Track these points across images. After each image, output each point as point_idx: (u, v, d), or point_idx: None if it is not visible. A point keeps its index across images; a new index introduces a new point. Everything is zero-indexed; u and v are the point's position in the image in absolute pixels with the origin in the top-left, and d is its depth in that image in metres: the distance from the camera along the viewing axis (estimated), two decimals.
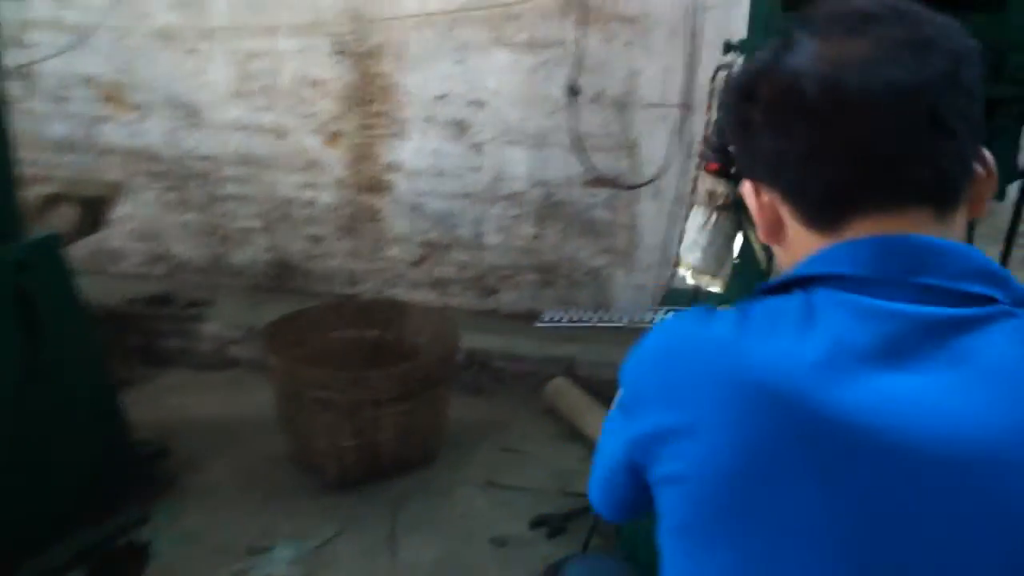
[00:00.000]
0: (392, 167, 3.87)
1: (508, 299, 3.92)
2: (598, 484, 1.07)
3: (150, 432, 2.90)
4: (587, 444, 3.01)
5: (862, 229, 0.85)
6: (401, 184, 3.89)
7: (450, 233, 3.89)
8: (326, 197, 4.00)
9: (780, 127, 0.87)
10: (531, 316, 3.82)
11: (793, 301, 0.85)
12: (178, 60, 3.93)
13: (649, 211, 3.64)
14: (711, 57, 3.25)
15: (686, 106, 3.41)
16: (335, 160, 3.93)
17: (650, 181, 3.54)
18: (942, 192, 0.84)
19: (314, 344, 3.07)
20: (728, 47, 1.49)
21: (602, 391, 3.27)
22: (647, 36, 3.42)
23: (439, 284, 3.99)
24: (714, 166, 1.51)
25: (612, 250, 3.74)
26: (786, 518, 0.77)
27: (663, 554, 0.91)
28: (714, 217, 1.54)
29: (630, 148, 3.58)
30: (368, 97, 3.81)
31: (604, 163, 3.59)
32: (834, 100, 0.82)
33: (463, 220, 3.85)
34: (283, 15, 3.76)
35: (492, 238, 3.85)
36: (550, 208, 3.73)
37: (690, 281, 1.61)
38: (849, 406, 0.75)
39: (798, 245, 0.92)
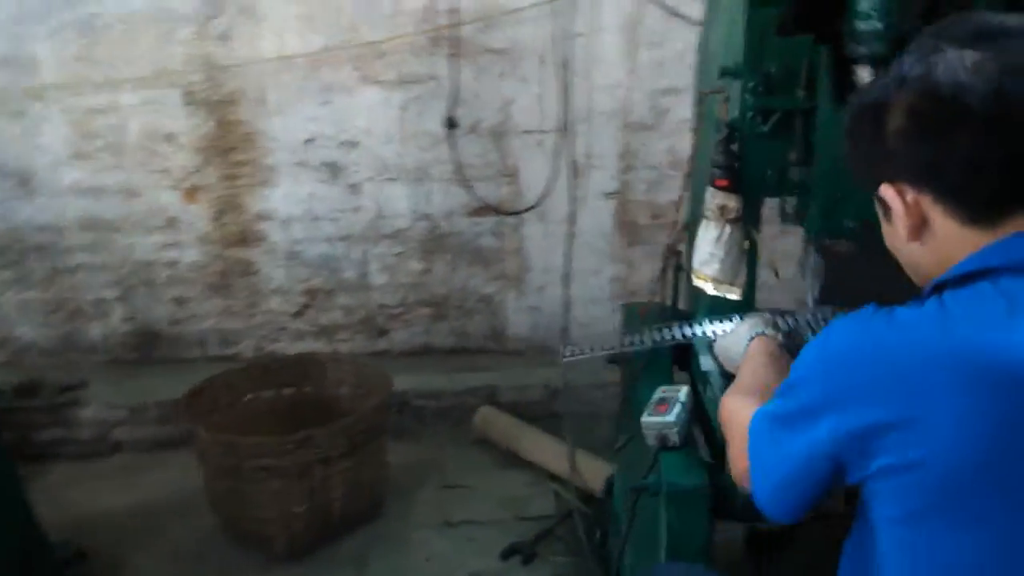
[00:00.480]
0: (262, 216, 3.71)
1: (400, 338, 3.86)
2: (774, 488, 1.08)
3: (52, 535, 2.61)
4: (530, 468, 3.04)
5: (1022, 223, 0.95)
6: (274, 233, 3.74)
7: (333, 277, 3.78)
8: (190, 255, 3.76)
9: (938, 134, 0.96)
10: (426, 352, 3.80)
11: (985, 290, 0.93)
12: (3, 124, 3.57)
13: (535, 234, 3.72)
14: (583, 82, 3.41)
15: (562, 130, 3.52)
16: (197, 215, 3.71)
17: (534, 206, 3.62)
18: None
19: (231, 410, 2.89)
20: (724, 72, 1.59)
21: (528, 414, 3.32)
22: (518, 66, 3.51)
23: (325, 332, 3.86)
24: (723, 182, 1.60)
25: (502, 276, 3.79)
26: None
27: (883, 545, 0.96)
28: (728, 230, 1.63)
29: (511, 175, 3.65)
30: (228, 146, 3.64)
31: (487, 191, 3.64)
32: (999, 108, 0.92)
33: (346, 263, 3.76)
34: (124, 69, 3.52)
35: (378, 277, 3.79)
36: (436, 241, 3.73)
37: (711, 292, 1.69)
38: None
39: (950, 242, 1.00)
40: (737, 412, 1.29)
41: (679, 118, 3.53)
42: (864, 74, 1.46)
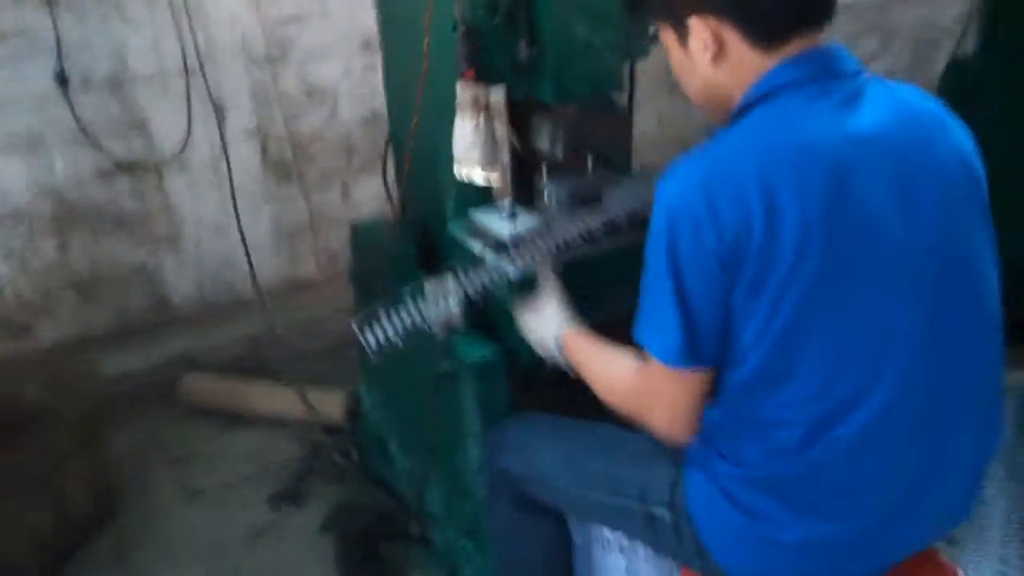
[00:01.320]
0: None
1: (49, 332, 3.42)
2: (681, 330, 1.21)
3: None
4: (257, 421, 2.98)
5: (797, 47, 1.24)
6: None
7: None
8: None
9: None
10: (85, 341, 3.43)
11: (785, 102, 1.20)
12: None
13: (181, 187, 3.50)
14: (200, 18, 3.25)
15: (189, 70, 3.33)
16: None
17: (174, 157, 3.40)
18: (831, 16, 1.27)
19: None
20: None
21: (235, 370, 3.21)
22: (123, 7, 3.22)
23: None
24: (470, 72, 1.73)
25: (153, 239, 3.52)
26: (870, 239, 1.16)
27: (735, 325, 1.20)
28: (482, 117, 1.76)
29: (140, 127, 3.37)
30: None
31: (117, 149, 3.33)
32: None
33: None
34: None
35: (1, 268, 3.30)
36: (68, 215, 3.34)
37: (477, 179, 1.81)
38: (856, 140, 1.16)
39: (743, 65, 1.26)
40: (627, 377, 1.40)
41: (306, 45, 3.53)
42: None
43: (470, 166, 1.79)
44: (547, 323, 1.65)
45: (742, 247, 1.15)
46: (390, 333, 1.74)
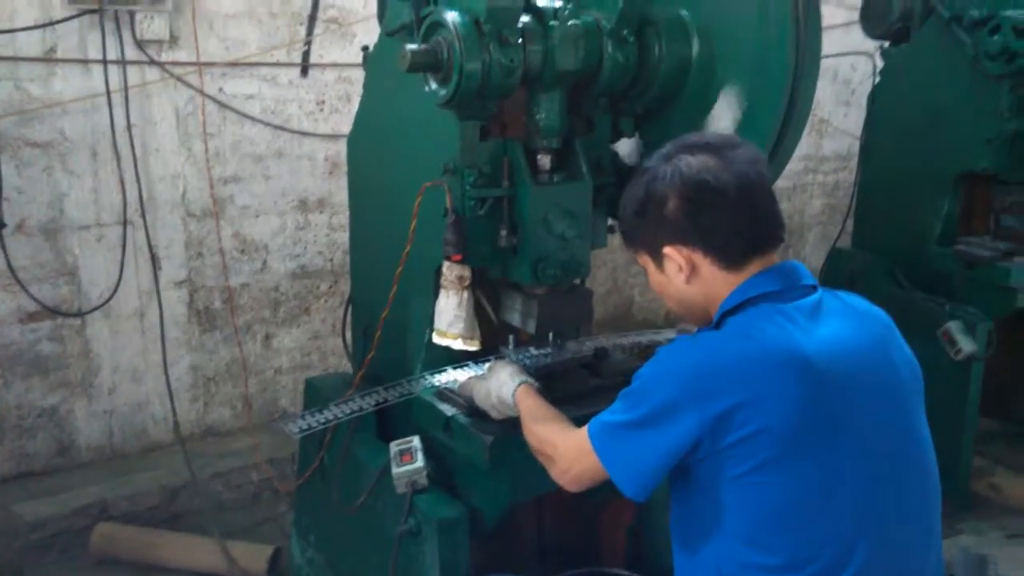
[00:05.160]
0: None
1: None
2: (638, 476, 1.45)
3: None
4: (171, 573, 2.91)
5: (758, 266, 1.51)
6: None
7: None
8: None
9: (706, 210, 1.47)
10: None
11: (760, 311, 1.46)
12: None
13: (103, 334, 3.50)
14: (142, 174, 3.38)
15: (129, 222, 3.41)
16: None
17: (102, 305, 3.42)
18: (782, 239, 1.56)
19: None
20: (445, 170, 1.92)
21: (149, 521, 3.14)
22: (67, 159, 3.31)
23: None
24: (458, 256, 1.94)
25: (67, 383, 3.47)
26: (845, 434, 1.39)
27: (725, 499, 1.40)
28: (465, 295, 1.96)
29: (69, 273, 3.39)
30: None
31: (42, 293, 3.33)
32: (746, 192, 1.47)
33: None
34: None
35: None
36: None
37: (459, 347, 1.99)
38: (825, 347, 1.41)
39: (714, 282, 1.52)
40: (556, 433, 1.66)
41: (242, 204, 3.69)
42: (545, 161, 1.97)
43: (452, 336, 1.98)
44: (503, 383, 1.87)
45: (722, 428, 1.37)
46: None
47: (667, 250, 1.53)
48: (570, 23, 1.88)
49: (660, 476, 1.47)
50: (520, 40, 1.82)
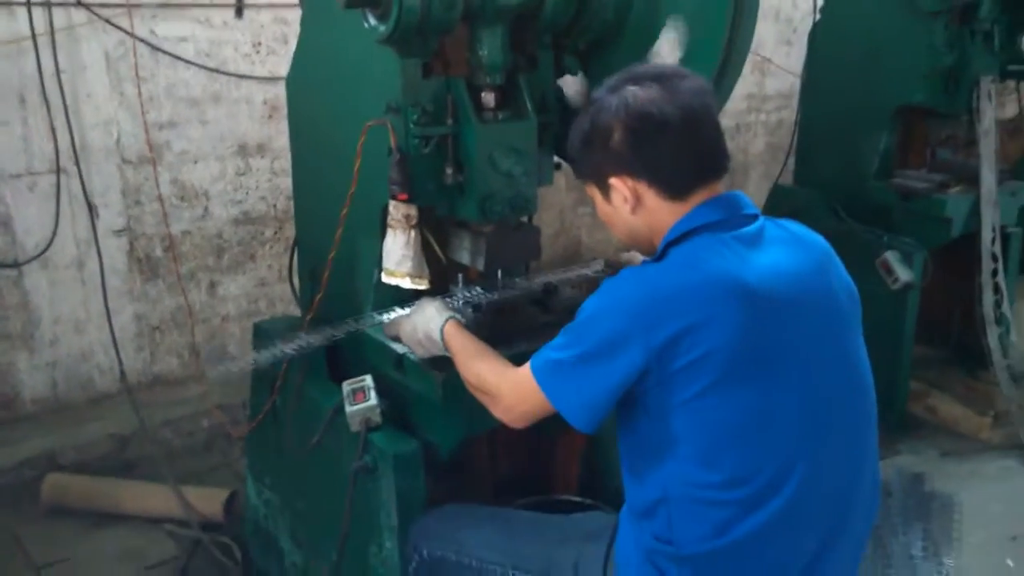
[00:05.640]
0: None
1: None
2: (587, 408, 1.48)
3: None
4: (127, 521, 2.92)
5: (702, 196, 1.54)
6: None
7: None
8: None
9: (651, 141, 1.49)
10: None
11: (703, 241, 1.48)
12: None
13: (41, 285, 3.42)
14: (74, 120, 3.28)
15: (63, 170, 3.31)
16: None
17: (38, 255, 3.34)
18: (726, 169, 1.58)
19: None
20: (388, 108, 1.90)
21: (99, 470, 3.12)
22: None
23: None
24: (404, 196, 1.93)
25: (7, 336, 3.39)
26: (786, 356, 1.43)
27: (675, 424, 1.44)
28: (412, 234, 1.96)
29: (3, 224, 3.30)
30: None
31: None
32: (689, 121, 1.48)
33: None
34: None
35: None
36: None
37: (408, 286, 1.99)
38: (765, 274, 1.45)
39: (658, 212, 1.54)
40: (495, 371, 1.68)
41: (179, 150, 3.60)
42: (489, 98, 1.96)
43: (401, 275, 1.98)
44: (430, 319, 1.85)
45: (668, 355, 1.41)
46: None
47: (613, 180, 1.55)
48: None
49: (609, 407, 1.51)
50: None
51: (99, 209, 3.45)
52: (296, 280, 2.53)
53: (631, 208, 1.56)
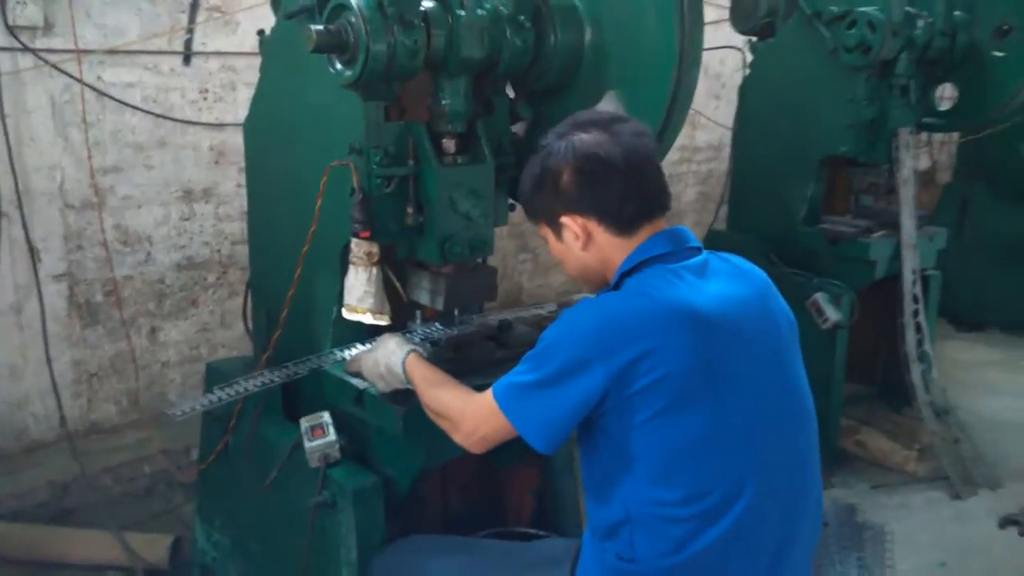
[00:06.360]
0: None
1: None
2: (548, 430, 1.55)
3: None
4: (64, 569, 2.83)
5: (648, 231, 1.64)
6: None
7: None
8: None
9: (599, 182, 1.59)
10: None
11: (655, 271, 1.58)
12: None
13: None
14: (21, 161, 3.26)
15: (4, 214, 3.27)
16: None
17: None
18: (668, 206, 1.69)
19: None
20: (351, 149, 1.96)
21: (36, 518, 3.04)
22: None
23: None
24: (366, 233, 1.98)
25: None
26: (735, 379, 1.53)
27: (635, 444, 1.52)
28: (374, 271, 2.01)
29: None
30: None
31: None
32: (633, 163, 1.59)
33: None
34: None
35: None
36: None
37: (370, 321, 2.03)
38: (714, 302, 1.55)
39: (608, 248, 1.64)
40: (457, 398, 1.73)
41: (124, 194, 3.59)
42: (450, 144, 2.04)
43: (363, 311, 2.03)
44: (391, 352, 1.90)
45: (627, 379, 1.48)
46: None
47: (564, 219, 1.65)
48: (477, 11, 1.96)
49: (568, 429, 1.57)
50: (423, 23, 1.89)
51: (40, 253, 3.41)
52: (250, 321, 2.55)
53: (582, 245, 1.66)
